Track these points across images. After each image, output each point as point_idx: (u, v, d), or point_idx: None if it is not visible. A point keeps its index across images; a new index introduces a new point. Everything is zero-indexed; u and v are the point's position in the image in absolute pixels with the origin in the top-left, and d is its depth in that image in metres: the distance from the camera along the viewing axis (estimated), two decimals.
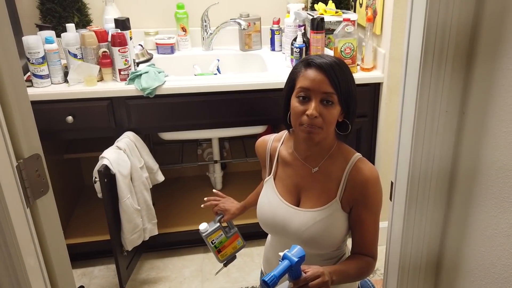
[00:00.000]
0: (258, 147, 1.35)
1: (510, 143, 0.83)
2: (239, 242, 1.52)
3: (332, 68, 1.10)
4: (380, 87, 2.10)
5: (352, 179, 1.17)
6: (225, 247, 1.51)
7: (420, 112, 0.99)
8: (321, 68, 1.10)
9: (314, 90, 1.10)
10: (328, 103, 1.11)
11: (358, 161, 1.18)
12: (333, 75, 1.10)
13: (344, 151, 1.21)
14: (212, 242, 1.49)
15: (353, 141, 2.20)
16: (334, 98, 1.11)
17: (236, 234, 1.52)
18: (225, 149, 2.70)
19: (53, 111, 1.91)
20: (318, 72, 1.11)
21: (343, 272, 1.13)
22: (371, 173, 1.17)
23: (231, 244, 1.51)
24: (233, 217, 1.50)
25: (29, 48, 1.85)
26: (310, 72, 1.12)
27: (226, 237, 1.49)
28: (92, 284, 2.15)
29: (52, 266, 0.90)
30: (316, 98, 1.10)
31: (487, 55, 0.89)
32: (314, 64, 1.12)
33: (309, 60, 1.13)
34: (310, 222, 1.17)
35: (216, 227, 1.49)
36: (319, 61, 1.11)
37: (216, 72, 2.33)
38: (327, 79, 1.10)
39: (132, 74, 1.95)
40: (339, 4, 2.34)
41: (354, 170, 1.17)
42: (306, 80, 1.11)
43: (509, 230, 0.85)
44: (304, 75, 1.13)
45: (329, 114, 1.11)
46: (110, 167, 1.81)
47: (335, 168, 1.19)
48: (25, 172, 0.81)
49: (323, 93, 1.10)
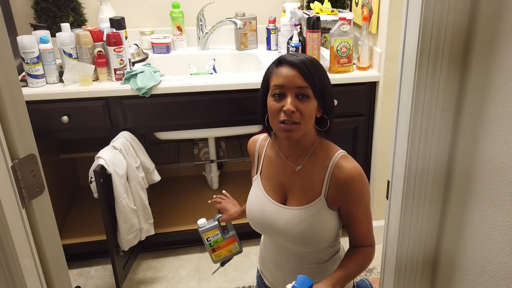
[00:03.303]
0: (249, 145, 1.36)
1: (506, 141, 0.84)
2: (236, 247, 1.50)
3: (303, 63, 1.12)
4: (376, 86, 2.10)
5: (335, 178, 1.16)
6: (220, 247, 1.50)
7: (416, 111, 0.99)
8: (293, 64, 1.12)
9: (288, 86, 1.11)
10: (304, 97, 1.12)
11: (340, 159, 1.18)
12: (305, 69, 1.11)
13: (326, 148, 1.21)
14: (208, 240, 1.48)
15: (350, 140, 2.21)
16: (309, 91, 1.12)
17: (233, 238, 1.50)
18: (222, 148, 2.70)
19: (48, 111, 1.90)
20: (290, 68, 1.12)
21: (345, 276, 1.13)
22: (354, 170, 1.16)
23: (226, 246, 1.50)
24: (230, 218, 1.50)
25: (23, 48, 1.84)
26: (282, 69, 1.13)
27: (222, 237, 1.48)
28: (88, 285, 2.14)
29: (48, 267, 0.90)
30: (291, 93, 1.11)
31: (482, 54, 0.89)
32: (285, 61, 1.13)
33: (281, 59, 1.15)
34: (296, 220, 1.17)
35: (213, 225, 1.48)
36: (290, 58, 1.13)
37: (212, 72, 2.33)
38: (300, 73, 1.11)
39: (128, 73, 1.94)
40: (335, 3, 2.34)
41: (336, 168, 1.17)
42: (279, 78, 1.13)
43: (505, 228, 0.86)
44: (276, 73, 1.14)
45: (305, 108, 1.12)
46: (106, 167, 1.81)
47: (318, 166, 1.19)
48: (21, 173, 0.81)
49: (297, 87, 1.11)
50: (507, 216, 0.85)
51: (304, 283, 0.99)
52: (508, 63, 0.82)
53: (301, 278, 1.00)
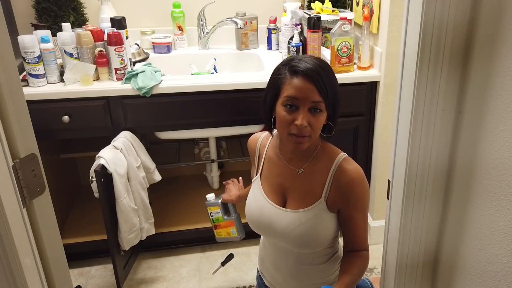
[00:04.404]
0: (249, 143, 1.35)
1: (507, 141, 0.83)
2: (234, 232, 1.55)
3: (319, 75, 1.08)
4: (377, 85, 2.10)
5: (337, 180, 1.16)
6: (221, 227, 1.58)
7: (417, 111, 0.99)
8: (308, 76, 1.08)
9: (303, 100, 1.08)
10: (316, 111, 1.10)
11: (342, 162, 1.17)
12: (321, 83, 1.08)
13: (329, 151, 1.21)
14: (211, 215, 1.57)
15: (350, 140, 2.20)
16: (322, 106, 1.10)
17: (232, 222, 1.56)
18: (222, 148, 2.70)
19: (49, 110, 1.90)
20: (305, 80, 1.08)
21: (351, 282, 1.14)
22: (356, 173, 1.16)
23: (225, 227, 1.56)
24: (229, 199, 1.57)
25: (24, 48, 1.85)
26: (296, 81, 1.09)
27: (222, 217, 1.54)
28: (89, 284, 2.15)
29: (49, 266, 0.90)
30: (304, 107, 1.09)
31: (483, 54, 0.89)
32: (301, 72, 1.09)
33: (294, 67, 1.10)
34: (296, 223, 1.17)
35: (216, 202, 1.57)
36: (304, 67, 1.09)
37: (213, 71, 2.33)
38: (316, 88, 1.08)
39: (129, 73, 1.94)
40: (336, 3, 2.34)
41: (339, 170, 1.16)
42: (293, 89, 1.09)
43: (506, 228, 0.86)
44: (290, 83, 1.10)
45: (317, 122, 1.10)
46: (106, 166, 1.81)
47: (320, 169, 1.19)
48: (21, 172, 0.81)
49: (311, 102, 1.09)
50: (508, 216, 0.85)
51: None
52: (509, 63, 0.82)
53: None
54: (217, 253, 2.31)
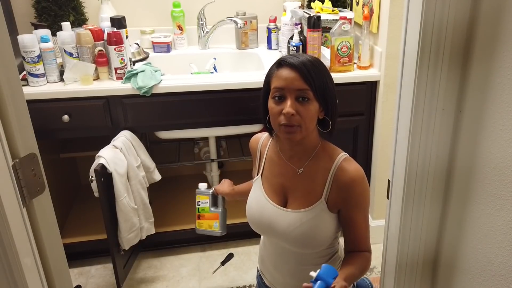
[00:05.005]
0: (251, 143, 1.36)
1: (507, 140, 0.83)
2: (216, 226, 1.53)
3: (304, 65, 1.10)
4: (377, 85, 2.10)
5: (337, 180, 1.16)
6: (204, 217, 1.54)
7: (417, 110, 0.99)
8: (293, 66, 1.10)
9: (288, 88, 1.10)
10: (304, 100, 1.11)
11: (343, 161, 1.17)
12: (305, 71, 1.10)
13: (329, 151, 1.21)
14: (198, 203, 1.54)
15: (350, 139, 2.20)
16: (309, 94, 1.10)
17: (217, 215, 1.53)
18: (222, 147, 2.70)
19: (49, 110, 1.90)
20: (290, 70, 1.11)
21: (352, 276, 1.13)
22: (357, 173, 1.16)
23: (209, 219, 1.54)
24: (221, 190, 1.55)
25: (24, 47, 1.84)
26: (282, 71, 1.12)
27: (209, 208, 1.52)
28: (89, 284, 2.15)
29: (49, 266, 0.90)
30: (291, 96, 1.10)
31: (483, 53, 0.89)
32: (286, 63, 1.12)
33: (281, 60, 1.14)
34: (297, 223, 1.17)
35: (207, 192, 1.55)
36: (291, 60, 1.12)
37: (213, 71, 2.33)
38: (300, 75, 1.10)
39: (128, 73, 1.94)
40: (336, 2, 2.34)
41: (339, 170, 1.16)
42: (279, 80, 1.12)
43: (506, 228, 0.86)
44: (276, 75, 1.13)
45: (306, 111, 1.11)
46: (106, 166, 1.81)
47: (320, 169, 1.19)
48: (21, 172, 0.81)
49: (297, 90, 1.10)
50: (508, 216, 0.85)
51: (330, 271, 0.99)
52: (509, 63, 0.82)
53: (325, 267, 1.00)
54: (217, 252, 2.31)
